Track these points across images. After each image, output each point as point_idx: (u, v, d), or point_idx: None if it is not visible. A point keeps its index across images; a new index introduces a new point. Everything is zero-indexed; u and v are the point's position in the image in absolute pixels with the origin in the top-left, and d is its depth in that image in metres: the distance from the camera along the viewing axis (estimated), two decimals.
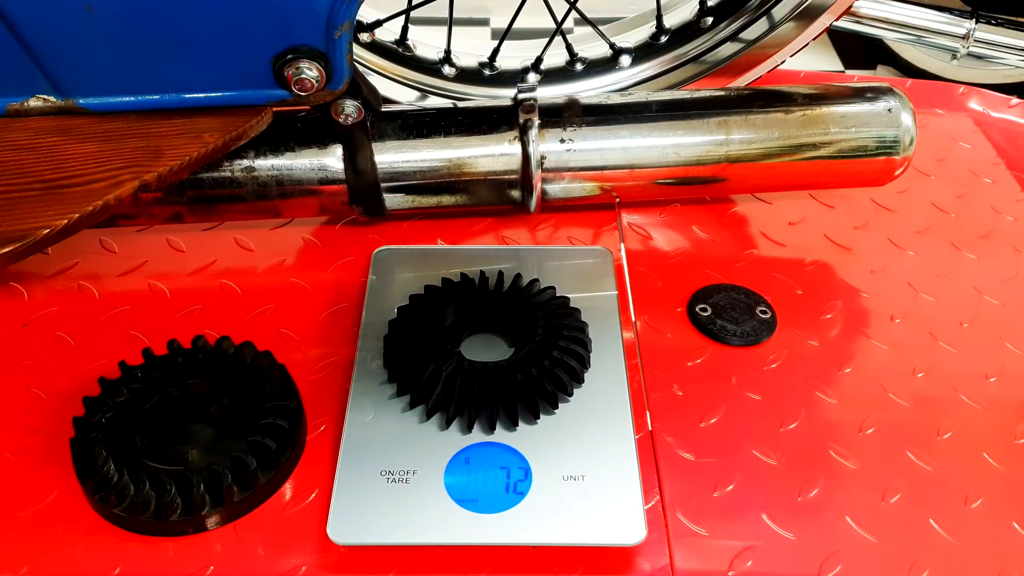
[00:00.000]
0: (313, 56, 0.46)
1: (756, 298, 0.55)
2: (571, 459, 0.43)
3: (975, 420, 0.49)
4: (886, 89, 0.57)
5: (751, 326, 0.53)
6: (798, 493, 0.45)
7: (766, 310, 0.54)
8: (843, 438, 0.47)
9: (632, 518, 0.41)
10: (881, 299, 0.56)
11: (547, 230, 0.60)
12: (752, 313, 0.54)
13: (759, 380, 0.50)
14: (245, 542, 0.41)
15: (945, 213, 0.64)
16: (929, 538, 0.43)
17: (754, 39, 0.64)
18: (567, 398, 0.46)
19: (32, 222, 0.44)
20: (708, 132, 0.55)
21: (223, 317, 0.53)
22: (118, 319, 0.53)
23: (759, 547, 0.42)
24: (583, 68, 0.67)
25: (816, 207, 0.64)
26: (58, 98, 0.47)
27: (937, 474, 0.46)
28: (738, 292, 0.55)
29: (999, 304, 0.57)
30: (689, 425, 0.47)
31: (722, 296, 0.55)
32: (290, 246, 0.58)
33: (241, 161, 0.52)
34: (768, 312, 0.54)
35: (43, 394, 0.48)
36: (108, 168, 0.46)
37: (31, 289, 0.54)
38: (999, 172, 0.69)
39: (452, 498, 0.42)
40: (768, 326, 0.53)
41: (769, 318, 0.54)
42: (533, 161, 0.54)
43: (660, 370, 0.50)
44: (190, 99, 0.48)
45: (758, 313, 0.54)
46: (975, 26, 0.66)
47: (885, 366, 0.52)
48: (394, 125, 0.54)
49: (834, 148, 0.56)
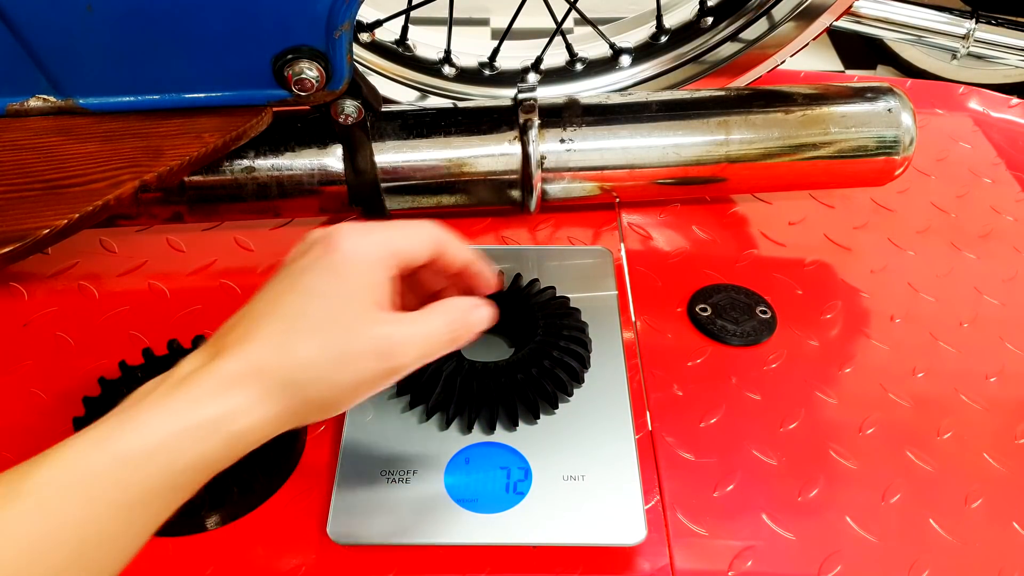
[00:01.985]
0: (313, 56, 0.46)
1: (756, 298, 0.55)
2: (571, 459, 0.43)
3: (975, 420, 0.49)
4: (886, 89, 0.57)
5: (751, 326, 0.53)
6: (798, 493, 0.45)
7: (766, 310, 0.54)
8: (843, 438, 0.47)
9: (632, 518, 0.41)
10: (881, 299, 0.56)
11: (547, 230, 0.60)
12: (752, 313, 0.54)
13: (759, 380, 0.50)
14: (245, 542, 0.41)
15: (945, 213, 0.64)
16: (929, 538, 0.43)
17: (754, 39, 0.64)
18: (567, 398, 0.46)
19: (32, 222, 0.44)
20: (708, 132, 0.55)
21: (223, 317, 0.52)
22: (118, 319, 0.53)
23: (759, 547, 0.42)
24: (583, 68, 0.67)
25: (816, 207, 0.64)
26: (58, 98, 0.47)
27: (937, 474, 0.46)
28: (738, 292, 0.55)
29: (999, 304, 0.57)
30: (689, 425, 0.47)
31: (722, 296, 0.55)
32: (290, 246, 0.58)
33: (241, 161, 0.52)
34: (768, 312, 0.54)
35: (43, 394, 0.48)
36: (108, 168, 0.46)
37: (31, 289, 0.54)
38: (999, 172, 0.69)
39: (452, 498, 0.42)
40: (768, 326, 0.53)
41: (769, 318, 0.54)
42: (533, 161, 0.54)
43: (660, 370, 0.50)
44: (190, 99, 0.48)
45: (758, 313, 0.54)
46: (975, 26, 0.66)
47: (885, 366, 0.52)
48: (394, 125, 0.54)
49: (834, 148, 0.56)
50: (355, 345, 0.31)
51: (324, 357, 0.31)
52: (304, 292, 0.32)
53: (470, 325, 0.35)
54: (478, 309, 0.36)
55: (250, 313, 0.33)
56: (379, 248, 0.34)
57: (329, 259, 0.33)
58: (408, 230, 0.35)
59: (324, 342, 0.31)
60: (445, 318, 0.34)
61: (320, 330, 0.31)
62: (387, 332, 0.32)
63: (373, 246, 0.34)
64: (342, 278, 0.32)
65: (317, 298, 0.32)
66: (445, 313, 0.34)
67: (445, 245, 0.37)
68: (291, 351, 0.31)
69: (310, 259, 0.33)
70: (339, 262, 0.33)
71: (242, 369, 0.30)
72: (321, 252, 0.33)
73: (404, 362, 0.32)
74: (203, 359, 0.31)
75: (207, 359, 0.31)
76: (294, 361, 0.31)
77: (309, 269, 0.33)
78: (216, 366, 0.30)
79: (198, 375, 0.30)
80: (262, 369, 0.30)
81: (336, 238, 0.33)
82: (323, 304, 0.32)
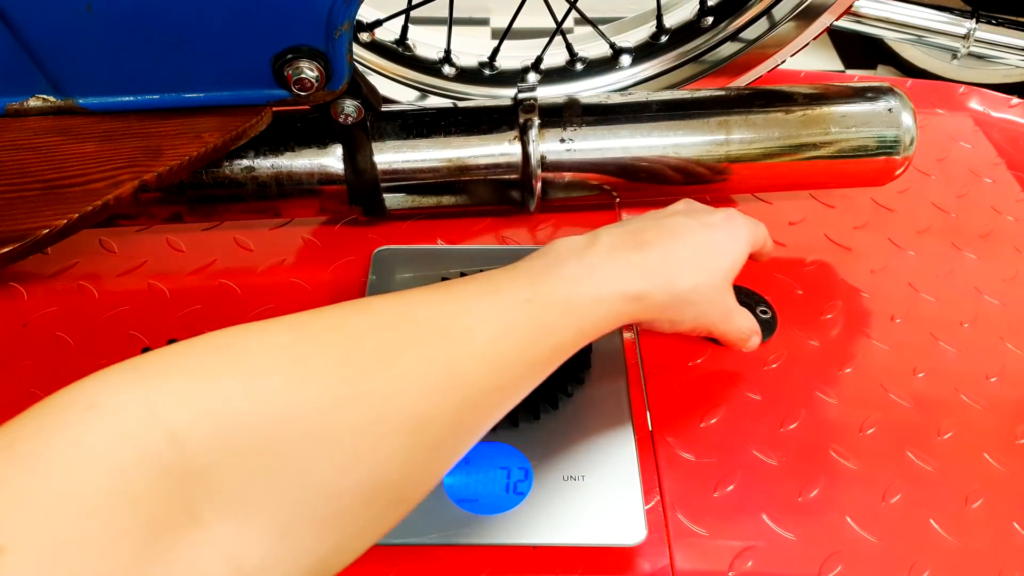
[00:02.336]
0: (313, 56, 0.46)
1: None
2: (571, 459, 0.43)
3: (976, 420, 0.49)
4: (886, 89, 0.57)
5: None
6: (798, 493, 0.45)
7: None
8: (843, 438, 0.47)
9: (632, 518, 0.41)
10: (881, 299, 0.56)
11: (547, 230, 0.60)
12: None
13: (759, 380, 0.50)
14: None
15: (946, 213, 0.64)
16: (929, 538, 0.43)
17: (754, 39, 0.64)
18: (567, 397, 0.46)
19: (31, 222, 0.44)
20: (708, 132, 0.55)
21: (223, 317, 0.53)
22: (118, 319, 0.52)
23: (759, 547, 0.42)
24: (583, 68, 0.67)
25: (816, 207, 0.63)
26: (58, 98, 0.47)
27: (937, 474, 0.46)
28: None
29: (1000, 304, 0.57)
30: (689, 425, 0.47)
31: None
32: (290, 246, 0.58)
33: (241, 161, 0.52)
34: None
35: (43, 394, 0.47)
36: (108, 168, 0.46)
37: (30, 289, 0.54)
38: (1000, 172, 0.69)
39: (451, 498, 0.42)
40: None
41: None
42: (533, 161, 0.54)
43: (660, 370, 0.50)
44: (190, 99, 0.48)
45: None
46: (975, 26, 0.66)
47: (885, 366, 0.52)
48: (394, 125, 0.54)
49: (834, 148, 0.56)
50: (719, 300, 0.43)
51: (701, 292, 0.41)
52: (709, 240, 0.42)
53: (752, 344, 0.47)
54: (759, 336, 0.47)
55: (664, 227, 0.42)
56: (753, 231, 0.45)
57: (731, 226, 0.44)
58: (760, 225, 0.47)
59: (708, 284, 0.41)
60: (752, 326, 0.46)
61: (712, 275, 0.42)
62: (733, 304, 0.44)
63: (752, 227, 0.45)
64: (734, 243, 0.43)
65: (716, 253, 0.42)
66: (753, 322, 0.46)
67: (767, 242, 0.48)
68: (687, 277, 0.40)
69: (717, 219, 0.43)
70: (736, 231, 0.44)
71: (655, 264, 0.39)
72: (726, 218, 0.44)
73: (724, 330, 0.44)
74: (626, 242, 0.40)
75: (632, 247, 0.40)
76: (687, 284, 0.40)
77: (717, 227, 0.43)
78: (640, 257, 0.39)
79: (625, 254, 0.39)
80: (668, 276, 0.40)
81: (735, 213, 0.45)
82: (719, 259, 0.42)
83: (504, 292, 0.35)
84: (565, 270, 0.37)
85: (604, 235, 0.40)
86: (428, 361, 0.30)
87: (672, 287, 0.40)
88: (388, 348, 0.30)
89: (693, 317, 0.42)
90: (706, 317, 0.42)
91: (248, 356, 0.27)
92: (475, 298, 0.34)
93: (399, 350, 0.30)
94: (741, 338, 0.46)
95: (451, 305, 0.33)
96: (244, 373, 0.27)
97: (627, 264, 0.39)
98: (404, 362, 0.30)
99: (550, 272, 0.37)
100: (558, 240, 0.40)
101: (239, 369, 0.27)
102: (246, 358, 0.27)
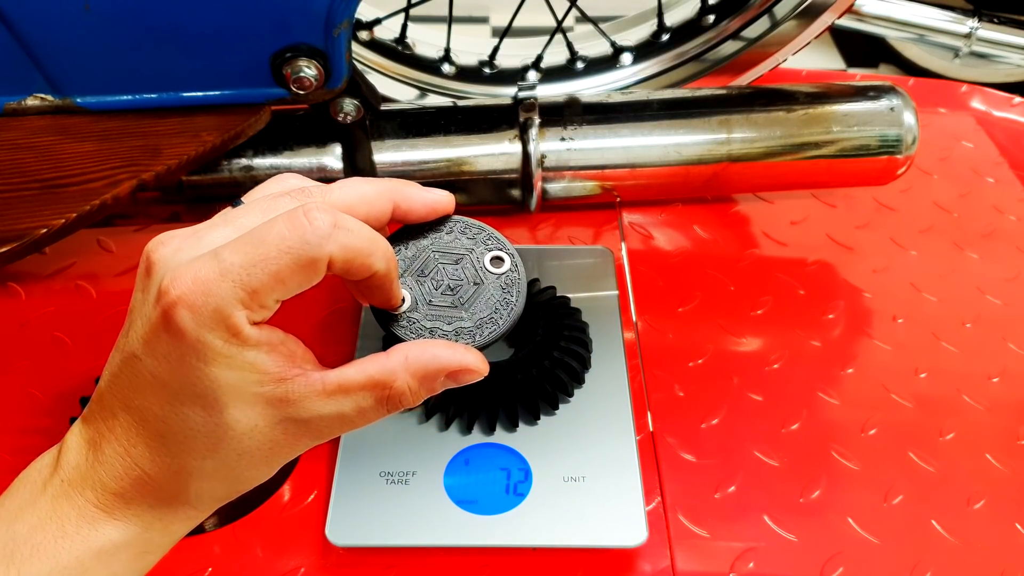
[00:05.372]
0: (312, 54, 0.46)
1: (493, 241, 0.53)
2: (572, 460, 0.43)
3: (978, 421, 0.49)
4: (888, 88, 0.57)
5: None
6: (800, 494, 0.44)
7: (502, 259, 0.52)
8: (845, 439, 0.47)
9: (633, 520, 0.41)
10: (883, 299, 0.56)
11: (547, 229, 0.60)
12: (477, 264, 0.52)
13: (760, 381, 0.50)
14: (243, 544, 0.41)
15: (948, 212, 0.64)
16: (931, 539, 0.43)
17: (755, 37, 0.63)
18: (567, 399, 0.46)
19: (29, 222, 0.44)
20: (710, 131, 0.55)
21: None
22: (116, 319, 0.52)
23: (761, 548, 0.42)
24: (584, 66, 0.67)
25: (818, 206, 0.63)
26: (55, 97, 0.47)
27: (939, 475, 0.46)
28: (467, 227, 0.53)
29: (1002, 304, 0.56)
30: (690, 426, 0.47)
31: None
32: None
33: (239, 160, 0.52)
34: (505, 262, 0.52)
35: (40, 395, 0.48)
36: (105, 167, 0.46)
37: (28, 289, 0.54)
38: (1002, 171, 0.68)
39: (452, 499, 0.41)
40: (503, 304, 0.52)
41: (505, 272, 0.52)
42: (533, 160, 0.54)
43: (661, 370, 0.50)
44: (188, 98, 0.48)
45: (487, 264, 0.52)
46: (978, 24, 0.65)
47: (887, 366, 0.52)
48: (393, 124, 0.54)
49: (836, 147, 0.56)
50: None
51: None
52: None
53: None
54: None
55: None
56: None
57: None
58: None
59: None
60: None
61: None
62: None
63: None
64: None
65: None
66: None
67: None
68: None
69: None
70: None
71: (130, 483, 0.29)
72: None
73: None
74: (86, 449, 0.29)
75: (90, 451, 0.29)
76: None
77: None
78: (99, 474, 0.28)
79: (84, 483, 0.28)
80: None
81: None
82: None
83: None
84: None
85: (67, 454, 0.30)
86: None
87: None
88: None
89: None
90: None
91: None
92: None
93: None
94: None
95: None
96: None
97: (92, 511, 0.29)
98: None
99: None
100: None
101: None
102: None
